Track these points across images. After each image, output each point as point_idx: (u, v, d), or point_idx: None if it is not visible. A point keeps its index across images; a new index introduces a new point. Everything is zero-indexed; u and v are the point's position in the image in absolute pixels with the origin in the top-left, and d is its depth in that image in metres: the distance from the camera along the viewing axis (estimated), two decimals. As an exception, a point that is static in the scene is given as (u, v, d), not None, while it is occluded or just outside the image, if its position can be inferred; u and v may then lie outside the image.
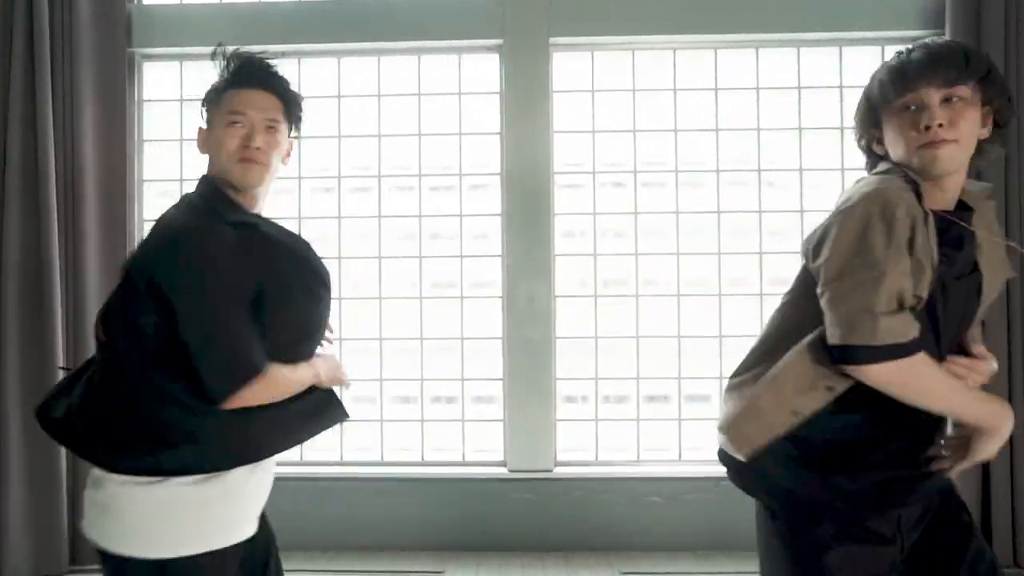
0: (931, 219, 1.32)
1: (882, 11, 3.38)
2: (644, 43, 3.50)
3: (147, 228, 3.51)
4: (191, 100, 3.59)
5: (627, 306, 3.52)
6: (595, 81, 3.55)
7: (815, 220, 1.54)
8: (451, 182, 3.57)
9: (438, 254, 3.57)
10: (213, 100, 1.61)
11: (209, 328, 1.35)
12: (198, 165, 1.90)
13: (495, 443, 3.51)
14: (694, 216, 3.51)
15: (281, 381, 1.41)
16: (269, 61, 1.65)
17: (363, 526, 3.37)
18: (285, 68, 3.52)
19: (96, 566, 2.99)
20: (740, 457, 1.44)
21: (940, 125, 1.32)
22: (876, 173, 1.45)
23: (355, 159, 3.59)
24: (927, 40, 1.41)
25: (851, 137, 2.71)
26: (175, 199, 1.60)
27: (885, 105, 1.41)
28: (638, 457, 3.49)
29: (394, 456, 3.53)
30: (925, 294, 1.32)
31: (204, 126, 1.64)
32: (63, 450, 3.14)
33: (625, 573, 3.12)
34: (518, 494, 3.40)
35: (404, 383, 3.55)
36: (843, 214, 1.36)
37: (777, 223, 3.49)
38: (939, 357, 1.39)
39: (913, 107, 1.36)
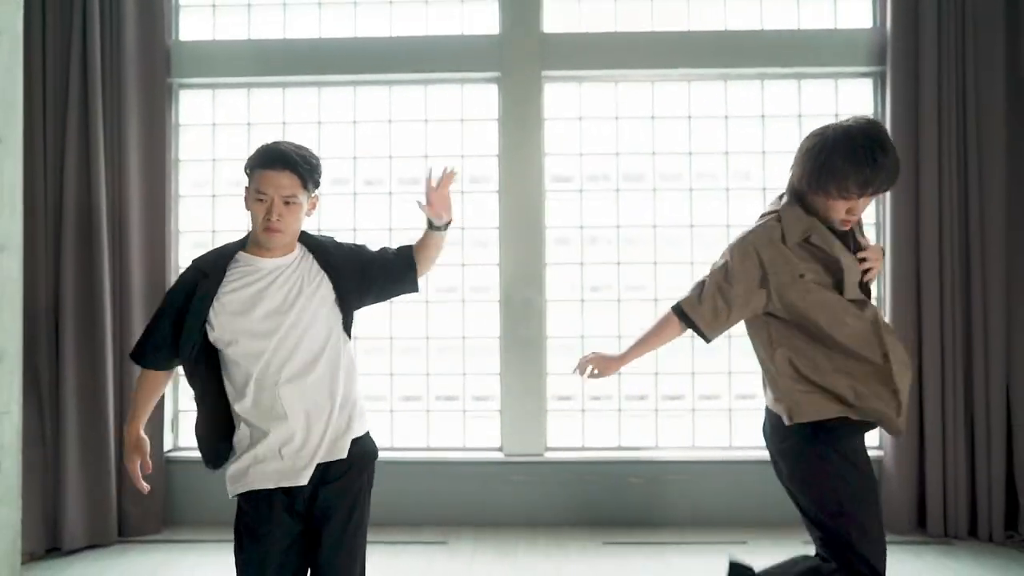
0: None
1: (835, 50, 3.80)
2: (626, 76, 3.91)
3: (182, 236, 3.92)
4: (222, 124, 4.00)
5: (610, 309, 3.93)
6: (582, 109, 3.96)
7: None
8: (454, 198, 3.93)
9: (441, 262, 3.89)
10: (249, 174, 1.95)
11: None
12: (227, 181, 2.29)
13: (492, 430, 3.90)
14: (670, 229, 3.92)
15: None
16: (289, 145, 1.95)
17: (375, 503, 3.67)
18: (304, 96, 3.87)
19: (139, 537, 3.43)
20: None
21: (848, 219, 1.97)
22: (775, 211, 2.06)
23: (368, 176, 3.99)
24: (882, 169, 1.87)
25: None
26: (205, 211, 2.33)
27: (843, 190, 1.88)
28: (620, 443, 3.89)
29: (402, 442, 3.91)
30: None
31: (246, 190, 1.98)
32: (112, 439, 3.54)
33: (607, 543, 3.53)
34: (513, 476, 3.79)
35: (411, 377, 3.93)
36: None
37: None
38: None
39: (848, 198, 1.90)
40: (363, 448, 2.03)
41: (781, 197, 2.12)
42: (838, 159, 1.86)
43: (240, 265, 1.97)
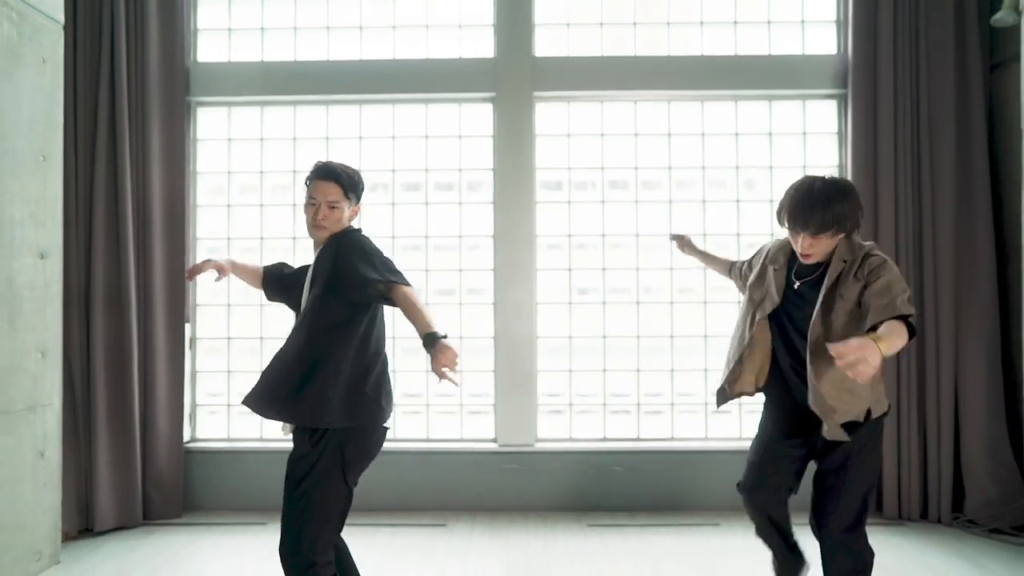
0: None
1: (802, 74, 4.13)
2: (610, 97, 4.23)
3: (199, 242, 4.20)
4: (236, 140, 4.30)
5: (596, 311, 4.24)
6: (570, 126, 4.28)
7: (749, 240, 2.58)
8: (452, 209, 4.28)
9: (440, 267, 4.27)
10: (307, 186, 2.37)
11: None
12: (241, 191, 2.61)
13: (487, 423, 4.22)
14: (651, 236, 4.24)
15: None
16: (337, 163, 2.39)
17: (382, 490, 3.91)
18: (313, 114, 4.15)
19: (162, 520, 3.70)
20: None
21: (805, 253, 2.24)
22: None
23: (374, 187, 4.29)
24: (814, 218, 2.15)
25: (778, 174, 3.71)
26: (221, 219, 2.98)
27: (783, 221, 2.25)
28: (604, 435, 4.21)
29: (404, 435, 4.21)
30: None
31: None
32: (138, 431, 3.85)
33: (591, 525, 3.85)
34: (505, 465, 4.10)
35: (412, 374, 4.23)
36: None
37: (718, 242, 4.22)
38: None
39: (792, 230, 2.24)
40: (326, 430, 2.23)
41: None
42: (788, 199, 2.23)
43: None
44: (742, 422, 4.15)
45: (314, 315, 2.25)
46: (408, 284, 2.23)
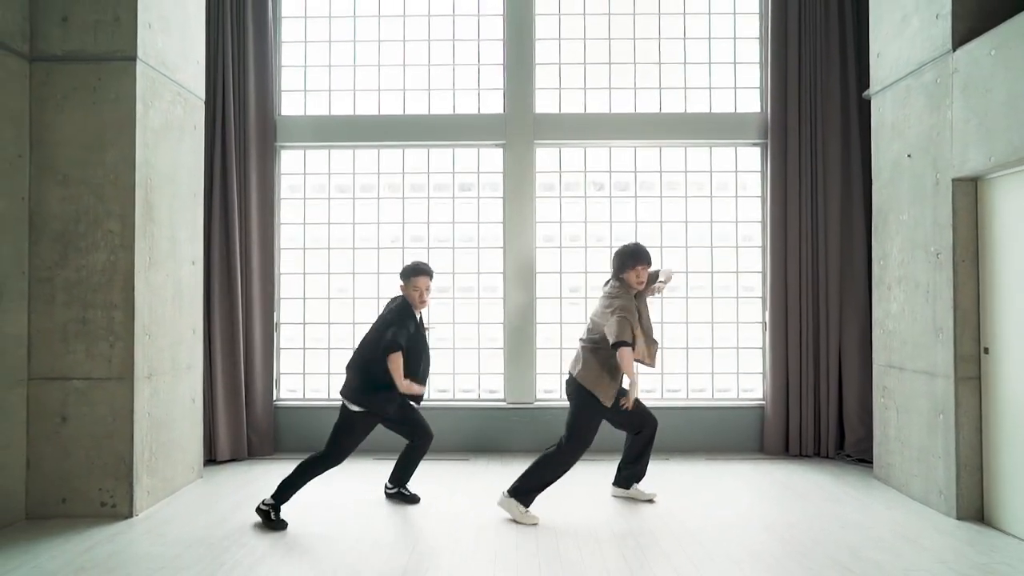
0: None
1: (734, 128, 5.51)
2: (592, 144, 5.60)
3: (283, 252, 5.57)
4: (310, 174, 5.68)
5: (580, 304, 5.62)
6: (562, 166, 5.65)
7: (696, 253, 4.30)
8: (472, 226, 5.64)
9: (463, 271, 5.63)
10: (410, 275, 3.98)
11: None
12: (313, 215, 4.01)
13: (498, 386, 5.59)
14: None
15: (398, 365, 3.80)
16: (428, 265, 4.08)
17: None
18: (367, 156, 5.55)
19: (260, 457, 5.15)
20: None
21: (642, 280, 3.84)
22: (616, 286, 3.89)
23: (413, 214, 5.67)
24: (639, 250, 3.84)
25: (718, 202, 5.30)
26: (299, 235, 4.57)
27: (630, 267, 3.80)
28: (586, 396, 5.57)
29: (437, 395, 5.58)
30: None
31: (403, 283, 4.01)
32: (243, 392, 5.23)
33: (576, 460, 5.23)
34: (512, 417, 5.46)
35: (443, 350, 5.60)
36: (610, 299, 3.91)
37: (673, 252, 5.61)
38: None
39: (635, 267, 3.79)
40: None
41: (615, 279, 4.01)
42: (631, 252, 3.92)
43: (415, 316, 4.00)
44: (688, 386, 5.54)
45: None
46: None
